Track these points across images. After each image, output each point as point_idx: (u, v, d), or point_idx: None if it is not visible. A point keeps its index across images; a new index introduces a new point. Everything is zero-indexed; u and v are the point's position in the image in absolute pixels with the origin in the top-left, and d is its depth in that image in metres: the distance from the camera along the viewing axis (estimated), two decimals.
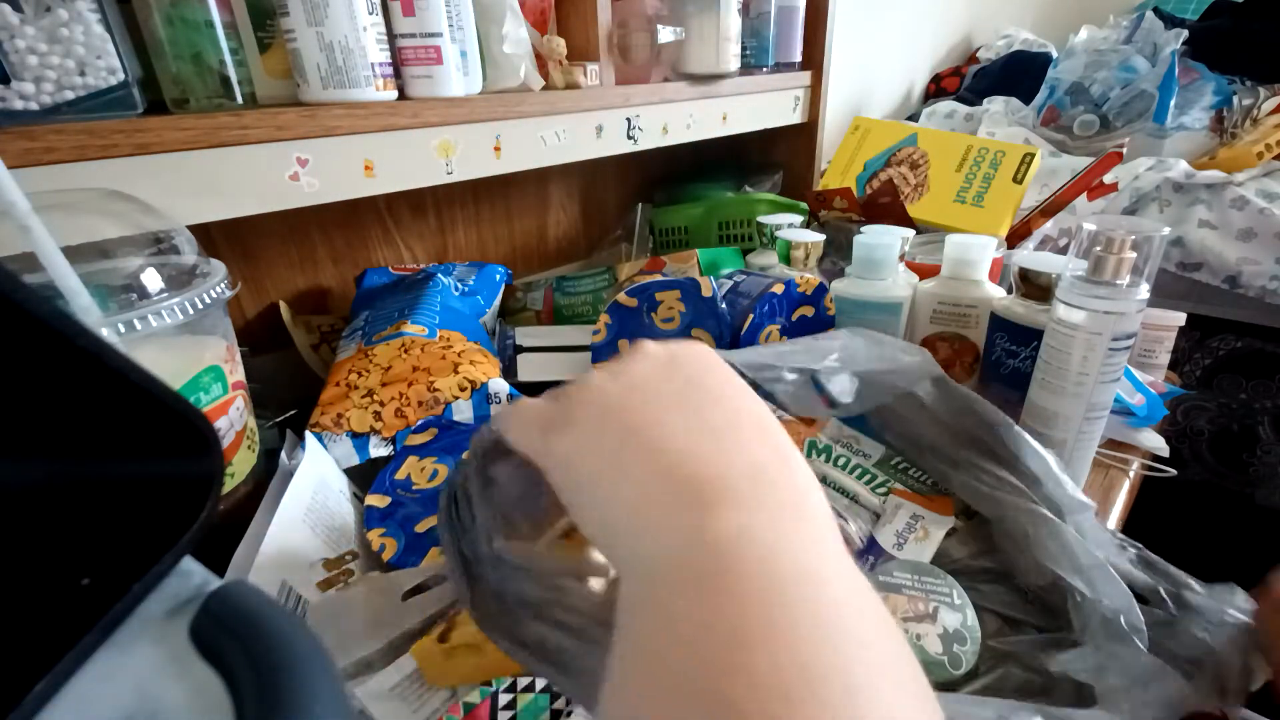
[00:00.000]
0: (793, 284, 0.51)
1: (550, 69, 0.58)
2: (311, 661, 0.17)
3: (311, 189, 0.44)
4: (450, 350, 0.47)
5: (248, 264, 0.58)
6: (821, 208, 0.76)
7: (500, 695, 0.31)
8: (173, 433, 0.19)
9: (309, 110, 0.43)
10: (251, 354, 0.46)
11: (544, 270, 0.83)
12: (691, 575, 0.17)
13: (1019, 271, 0.48)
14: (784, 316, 0.52)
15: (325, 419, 0.42)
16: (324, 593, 0.34)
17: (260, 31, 0.43)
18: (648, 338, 0.50)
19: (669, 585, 0.17)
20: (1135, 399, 0.55)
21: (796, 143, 0.91)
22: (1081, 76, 1.20)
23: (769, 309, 0.51)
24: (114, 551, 0.19)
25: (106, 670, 0.17)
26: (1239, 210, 0.97)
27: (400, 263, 0.69)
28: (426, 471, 0.42)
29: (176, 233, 0.37)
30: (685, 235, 0.81)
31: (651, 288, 0.49)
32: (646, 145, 0.68)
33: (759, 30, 0.77)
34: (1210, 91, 1.15)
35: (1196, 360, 1.12)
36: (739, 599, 0.16)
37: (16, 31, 0.33)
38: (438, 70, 0.48)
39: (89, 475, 0.20)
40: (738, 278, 0.56)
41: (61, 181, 0.34)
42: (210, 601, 0.19)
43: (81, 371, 0.17)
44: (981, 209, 0.75)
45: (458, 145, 0.52)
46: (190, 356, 0.36)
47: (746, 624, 0.15)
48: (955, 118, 1.31)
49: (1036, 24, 1.82)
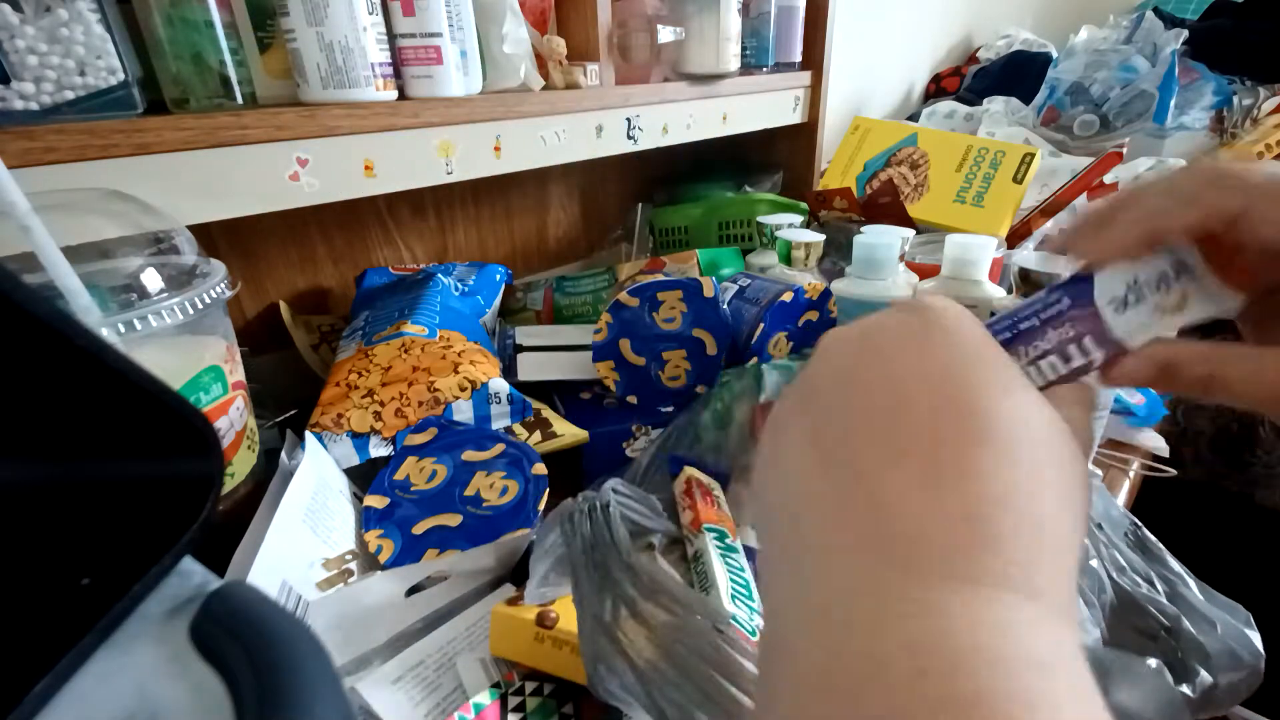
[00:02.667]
0: (801, 291, 0.51)
1: (550, 69, 0.58)
2: (311, 661, 0.17)
3: (311, 189, 0.44)
4: (450, 350, 0.47)
5: (248, 264, 0.58)
6: (821, 208, 0.76)
7: (510, 697, 0.31)
8: (173, 433, 0.19)
9: (309, 110, 0.43)
10: (251, 354, 0.46)
11: (544, 270, 0.83)
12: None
13: (1019, 271, 0.48)
14: (791, 323, 0.53)
15: (325, 419, 0.42)
16: (324, 593, 0.34)
17: (260, 31, 0.43)
18: (649, 337, 0.50)
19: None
20: (1135, 399, 0.55)
21: (796, 143, 0.91)
22: (1081, 76, 1.20)
23: (778, 316, 0.51)
24: (114, 551, 0.19)
25: (106, 670, 0.17)
26: None
27: (400, 263, 0.69)
28: (425, 472, 0.42)
29: (176, 233, 0.37)
30: (685, 235, 0.81)
31: (653, 287, 0.49)
32: (646, 145, 0.68)
33: (759, 30, 0.77)
34: (1210, 91, 1.15)
35: None
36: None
37: (16, 31, 0.33)
38: (438, 70, 0.48)
39: (89, 475, 0.20)
40: (742, 282, 0.56)
41: (61, 181, 0.34)
42: (210, 601, 0.19)
43: (81, 371, 0.17)
44: (981, 209, 0.75)
45: (458, 145, 0.52)
46: (190, 356, 0.36)
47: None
48: (955, 118, 1.31)
49: (1036, 24, 1.82)
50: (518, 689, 0.31)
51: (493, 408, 0.46)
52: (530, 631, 0.31)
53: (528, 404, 0.47)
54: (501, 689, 0.31)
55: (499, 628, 0.32)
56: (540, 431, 0.46)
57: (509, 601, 0.33)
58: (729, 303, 0.54)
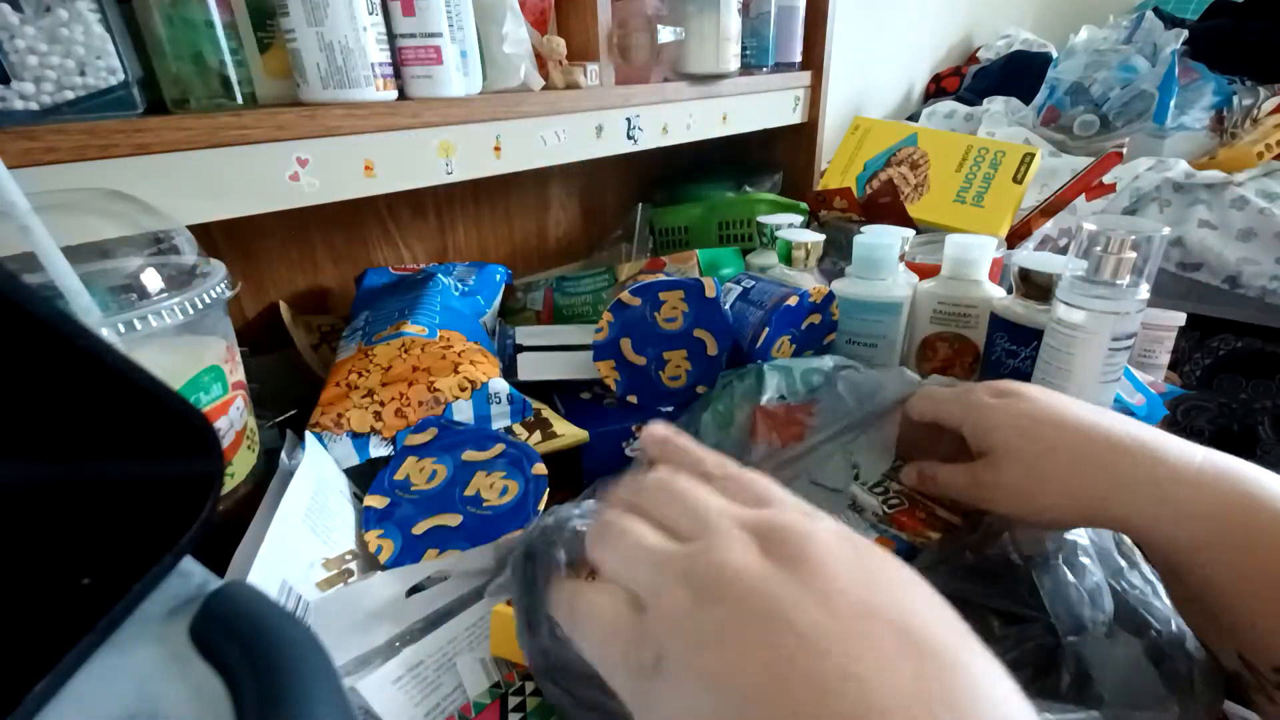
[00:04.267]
0: (805, 295, 0.51)
1: (550, 69, 0.58)
2: (311, 661, 0.17)
3: (311, 189, 0.44)
4: (450, 350, 0.47)
5: (248, 264, 0.58)
6: (821, 208, 0.76)
7: (509, 697, 0.31)
8: (173, 433, 0.19)
9: (309, 110, 0.43)
10: (251, 354, 0.46)
11: (544, 270, 0.83)
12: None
13: (1019, 271, 0.48)
14: (795, 326, 0.53)
15: (325, 419, 0.42)
16: (324, 593, 0.34)
17: (260, 31, 0.43)
18: (650, 337, 0.50)
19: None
20: (1135, 399, 0.55)
21: (796, 143, 0.91)
22: (1081, 76, 1.20)
23: (783, 320, 0.51)
24: (114, 551, 0.19)
25: (106, 670, 0.17)
26: (1239, 210, 0.97)
27: (400, 263, 0.69)
28: (425, 472, 0.42)
29: (176, 233, 0.37)
30: (685, 235, 0.81)
31: (655, 287, 0.49)
32: (646, 145, 0.68)
33: (759, 30, 0.77)
34: (1210, 91, 1.15)
35: (1196, 360, 1.12)
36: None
37: (16, 31, 0.33)
38: (438, 70, 0.48)
39: (89, 475, 0.20)
40: (746, 283, 0.56)
41: (61, 181, 0.34)
42: (210, 601, 0.19)
43: (81, 371, 0.17)
44: (981, 209, 0.75)
45: (458, 145, 0.52)
46: (190, 356, 0.36)
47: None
48: (955, 118, 1.31)
49: (1036, 24, 1.82)
50: (518, 689, 0.31)
51: (493, 408, 0.46)
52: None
53: (528, 404, 0.47)
54: (501, 689, 0.31)
55: (500, 628, 0.32)
56: (540, 431, 0.46)
57: (509, 602, 0.33)
58: (732, 304, 0.54)
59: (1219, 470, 0.27)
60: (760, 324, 0.50)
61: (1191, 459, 0.28)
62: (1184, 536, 0.26)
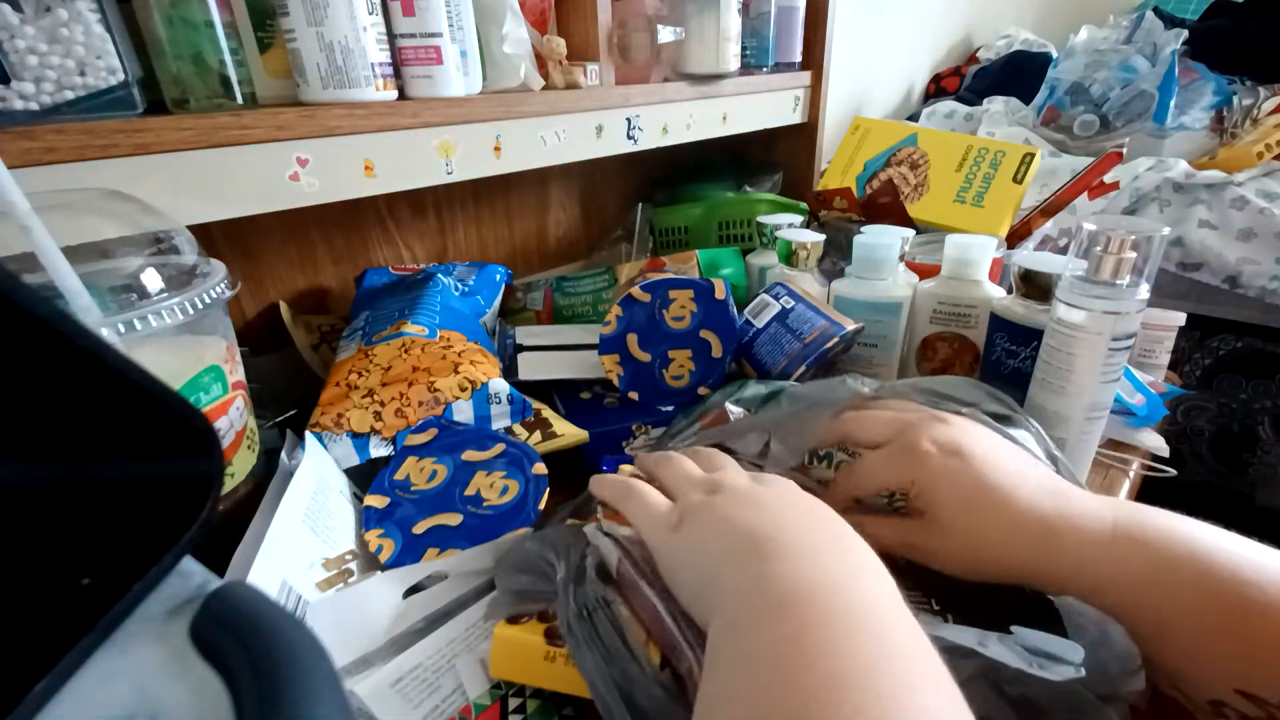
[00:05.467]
0: (844, 335, 0.50)
1: (550, 69, 0.58)
2: (311, 661, 0.17)
3: (311, 189, 0.44)
4: (450, 350, 0.47)
5: (248, 264, 0.58)
6: (821, 208, 0.76)
7: (509, 699, 0.31)
8: (173, 433, 0.19)
9: (309, 110, 0.43)
10: (251, 354, 0.46)
11: (544, 270, 0.83)
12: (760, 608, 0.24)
13: (1019, 271, 0.48)
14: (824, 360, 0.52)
15: (325, 419, 0.42)
16: (324, 593, 0.34)
17: (260, 31, 0.43)
18: (657, 334, 0.50)
19: (744, 619, 0.24)
20: (1135, 399, 0.55)
21: (796, 143, 0.91)
22: (1081, 76, 1.20)
23: (819, 358, 0.50)
24: (114, 551, 0.19)
25: (106, 670, 0.17)
26: (1239, 210, 0.97)
27: (400, 263, 0.69)
28: (425, 472, 0.42)
29: (176, 233, 0.37)
30: (685, 235, 0.81)
31: (666, 284, 0.49)
32: (646, 145, 0.68)
33: (759, 30, 0.77)
34: (1210, 91, 1.15)
35: (1196, 360, 1.12)
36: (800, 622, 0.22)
37: (16, 31, 0.33)
38: (438, 70, 0.48)
39: (89, 475, 0.20)
40: (785, 302, 0.53)
41: (61, 181, 0.34)
42: (210, 601, 0.19)
43: (81, 371, 0.17)
44: (981, 209, 0.75)
45: (458, 145, 0.52)
46: (190, 356, 0.36)
47: (803, 641, 0.21)
48: (955, 118, 1.31)
49: (1036, 24, 1.82)
50: (518, 690, 0.31)
51: (493, 408, 0.46)
52: (539, 652, 0.30)
53: (528, 404, 0.47)
54: (501, 690, 0.31)
55: (502, 652, 0.31)
56: (540, 431, 0.46)
57: (510, 620, 0.32)
58: (767, 324, 0.52)
59: (1130, 538, 0.30)
60: (799, 358, 0.49)
61: (1102, 527, 0.30)
62: (1104, 602, 0.29)
